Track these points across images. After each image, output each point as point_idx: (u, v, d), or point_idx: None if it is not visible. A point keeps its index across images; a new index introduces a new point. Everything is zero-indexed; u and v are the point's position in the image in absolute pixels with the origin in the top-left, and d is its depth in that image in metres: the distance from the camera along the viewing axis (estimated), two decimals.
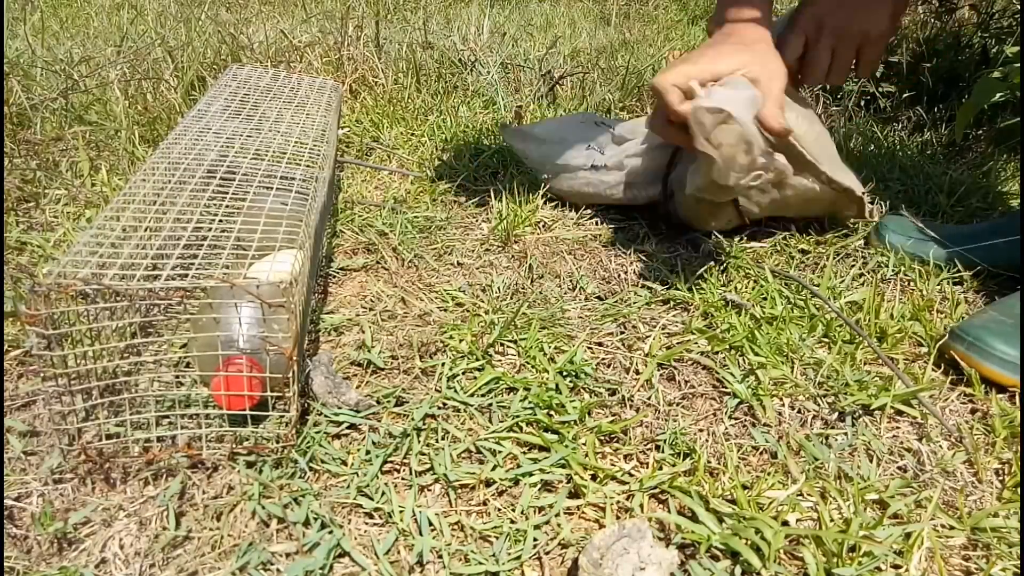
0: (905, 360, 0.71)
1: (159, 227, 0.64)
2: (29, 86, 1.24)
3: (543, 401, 0.62)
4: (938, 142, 1.34)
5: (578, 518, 0.53)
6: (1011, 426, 0.62)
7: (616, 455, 0.59)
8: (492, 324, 0.74)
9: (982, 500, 0.56)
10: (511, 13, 2.36)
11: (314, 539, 0.49)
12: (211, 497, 0.53)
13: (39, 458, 0.56)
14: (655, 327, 0.75)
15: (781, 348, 0.71)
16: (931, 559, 0.50)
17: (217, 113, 0.89)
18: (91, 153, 1.07)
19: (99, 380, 0.58)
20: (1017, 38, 1.32)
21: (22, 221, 0.89)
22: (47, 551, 0.49)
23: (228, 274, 0.56)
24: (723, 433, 0.61)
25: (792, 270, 0.87)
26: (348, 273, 0.84)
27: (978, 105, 1.17)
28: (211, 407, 0.60)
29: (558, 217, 1.00)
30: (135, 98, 1.26)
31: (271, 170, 0.74)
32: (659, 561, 0.46)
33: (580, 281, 0.84)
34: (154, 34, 1.64)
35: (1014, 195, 1.11)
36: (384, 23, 1.84)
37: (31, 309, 0.49)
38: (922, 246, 0.89)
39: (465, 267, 0.87)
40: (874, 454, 0.59)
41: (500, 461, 0.57)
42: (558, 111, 1.44)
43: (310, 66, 1.50)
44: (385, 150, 1.22)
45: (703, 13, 2.65)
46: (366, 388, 0.65)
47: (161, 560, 0.48)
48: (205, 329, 0.56)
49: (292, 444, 0.56)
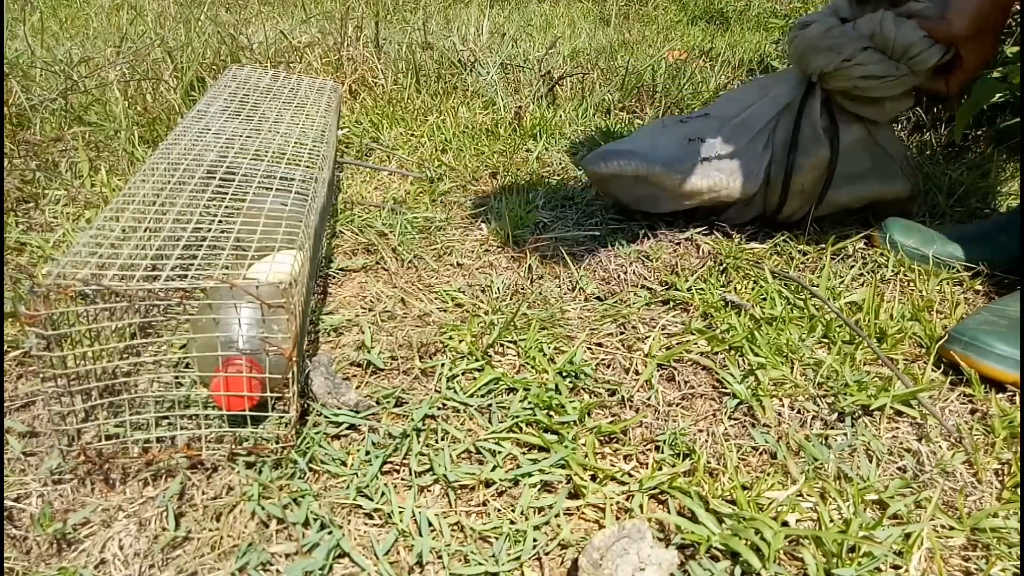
0: (905, 360, 0.71)
1: (159, 228, 0.64)
2: (28, 86, 1.24)
3: (543, 402, 0.62)
4: (937, 142, 1.34)
5: (578, 519, 0.53)
6: (1011, 426, 0.62)
7: (616, 455, 0.59)
8: (492, 325, 0.74)
9: (982, 500, 0.56)
10: (511, 13, 2.36)
11: (314, 540, 0.49)
12: (211, 498, 0.53)
13: (38, 459, 0.56)
14: (655, 327, 0.75)
15: (781, 349, 0.71)
16: (931, 559, 0.50)
17: (217, 114, 0.89)
18: (91, 154, 1.07)
19: (98, 381, 0.58)
20: (1017, 38, 1.32)
21: (22, 222, 0.89)
22: (46, 552, 0.49)
23: (227, 275, 0.56)
24: (723, 434, 0.61)
25: (792, 271, 0.87)
26: (348, 274, 0.84)
27: (978, 105, 1.17)
28: (211, 408, 0.60)
29: (558, 217, 1.00)
30: (135, 99, 1.26)
31: (270, 171, 0.74)
32: (659, 562, 0.46)
33: (580, 281, 0.84)
34: (153, 35, 1.64)
35: (1014, 195, 1.11)
36: (384, 23, 1.84)
37: (31, 310, 0.49)
38: (923, 246, 0.89)
39: (465, 268, 0.87)
40: (874, 454, 0.59)
41: (500, 462, 0.57)
42: (558, 111, 1.44)
43: (310, 67, 1.50)
44: (385, 151, 1.22)
45: (703, 13, 2.65)
46: (366, 389, 0.65)
47: (161, 561, 0.48)
48: (204, 330, 0.56)
49: (292, 445, 0.56)
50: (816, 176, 0.91)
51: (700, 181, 0.92)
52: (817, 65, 0.88)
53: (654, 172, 0.92)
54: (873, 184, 0.95)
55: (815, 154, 0.90)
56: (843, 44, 0.87)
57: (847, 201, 0.95)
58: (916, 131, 1.41)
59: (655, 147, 0.94)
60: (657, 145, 0.94)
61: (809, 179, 0.91)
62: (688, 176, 0.92)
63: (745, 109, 0.96)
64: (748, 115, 0.95)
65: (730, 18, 2.58)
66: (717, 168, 0.93)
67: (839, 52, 0.86)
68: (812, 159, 0.90)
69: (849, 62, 0.86)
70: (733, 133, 0.94)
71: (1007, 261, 0.85)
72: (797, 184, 0.92)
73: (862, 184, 0.94)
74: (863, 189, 0.95)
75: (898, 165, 0.95)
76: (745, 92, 0.99)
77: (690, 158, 0.93)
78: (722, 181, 0.93)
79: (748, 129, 0.94)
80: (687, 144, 0.94)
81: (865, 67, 0.86)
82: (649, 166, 0.92)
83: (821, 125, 0.90)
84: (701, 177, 0.92)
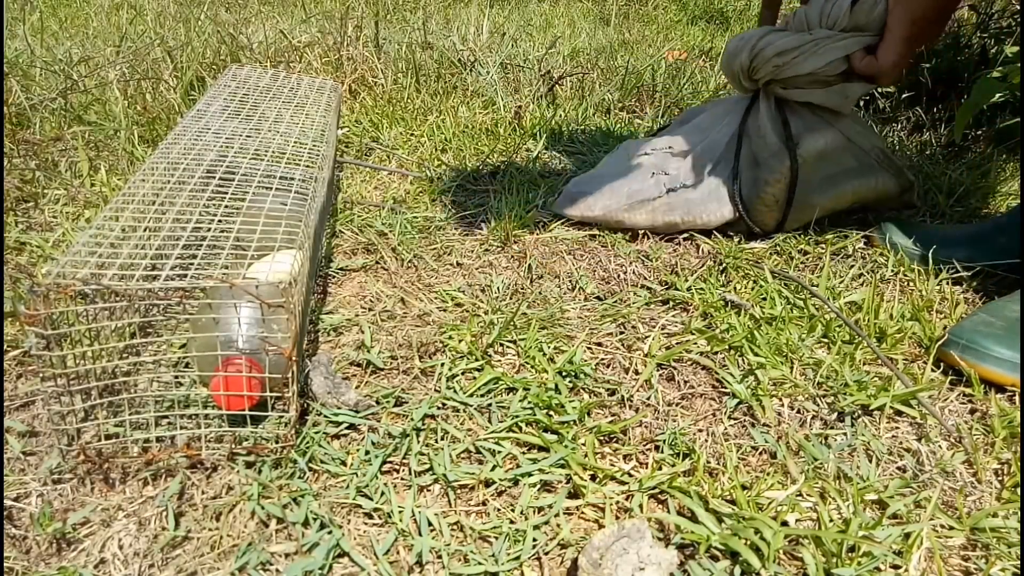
0: (904, 360, 0.71)
1: (158, 227, 0.64)
2: (28, 86, 1.24)
3: (542, 401, 0.62)
4: (937, 142, 1.34)
5: (577, 518, 0.53)
6: (1010, 426, 0.62)
7: (615, 455, 0.59)
8: (491, 324, 0.74)
9: (981, 500, 0.56)
10: (511, 13, 2.36)
11: (313, 539, 0.49)
12: (210, 497, 0.53)
13: (38, 458, 0.56)
14: (654, 327, 0.75)
15: (780, 348, 0.71)
16: (930, 559, 0.50)
17: (216, 113, 0.89)
18: (90, 153, 1.07)
19: (98, 380, 0.58)
20: (1017, 38, 1.32)
21: (21, 221, 0.89)
22: (46, 551, 0.49)
23: (227, 274, 0.56)
24: (722, 433, 0.61)
25: (792, 271, 0.87)
26: (347, 273, 0.84)
27: (977, 105, 1.17)
28: (210, 407, 0.60)
29: (557, 217, 1.00)
30: (134, 98, 1.26)
31: (270, 170, 0.74)
32: (658, 561, 0.46)
33: (579, 281, 0.84)
34: (153, 34, 1.64)
35: (1014, 195, 1.11)
36: (384, 23, 1.84)
37: (30, 309, 0.49)
38: (923, 246, 0.89)
39: (464, 267, 0.87)
40: (873, 454, 0.59)
41: (499, 461, 0.57)
42: (558, 111, 1.44)
43: (309, 66, 1.50)
44: (384, 150, 1.22)
45: (702, 13, 2.65)
46: (365, 388, 0.65)
47: (160, 560, 0.48)
48: (204, 329, 0.56)
49: (291, 444, 0.56)
50: (783, 186, 0.91)
51: (668, 216, 0.94)
52: (737, 64, 0.91)
53: (619, 218, 0.94)
54: (853, 181, 0.94)
55: (777, 169, 0.90)
56: (748, 38, 0.91)
57: (830, 204, 0.94)
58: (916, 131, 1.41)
59: (617, 184, 0.96)
60: (620, 181, 0.96)
61: (778, 190, 0.91)
62: (656, 212, 0.94)
63: (704, 137, 0.98)
64: (707, 144, 0.97)
65: (730, 18, 2.58)
66: (685, 199, 0.94)
67: (747, 42, 0.90)
68: (775, 174, 0.90)
69: (757, 47, 0.89)
70: (696, 163, 0.96)
71: (1007, 261, 0.85)
72: (769, 198, 0.91)
73: (843, 184, 0.94)
74: (844, 188, 0.94)
75: (873, 159, 0.95)
76: (703, 119, 1.01)
77: (655, 190, 0.94)
78: (693, 211, 0.93)
79: (711, 156, 0.95)
80: (651, 179, 0.96)
81: (774, 45, 0.88)
82: (614, 211, 0.94)
83: (773, 136, 0.91)
84: (668, 212, 0.94)
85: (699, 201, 0.93)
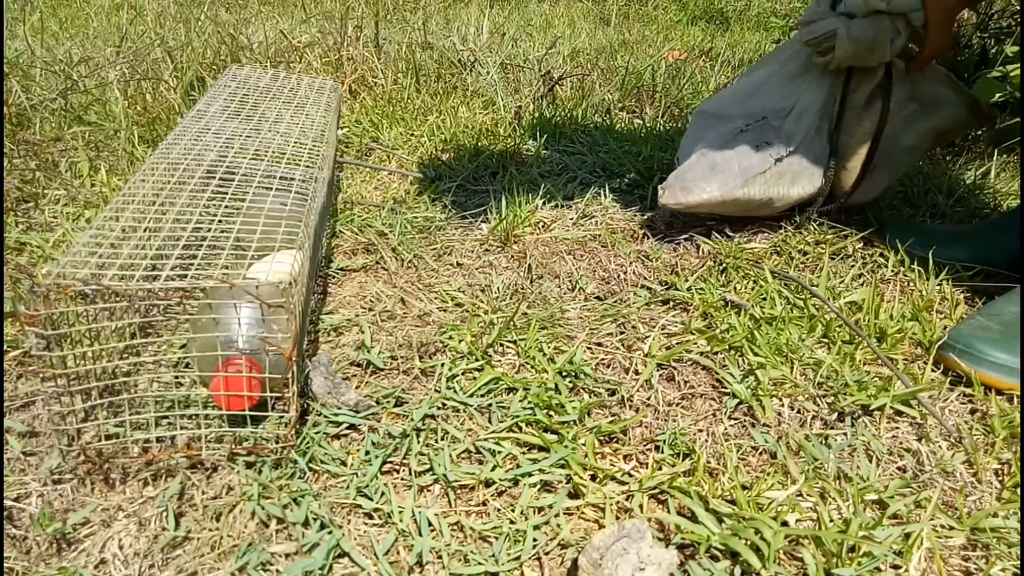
0: (904, 360, 0.71)
1: (158, 227, 0.64)
2: (28, 86, 1.24)
3: (543, 401, 0.62)
4: None
5: (578, 518, 0.53)
6: (1010, 426, 0.62)
7: (616, 455, 0.59)
8: (491, 324, 0.74)
9: (981, 500, 0.56)
10: (511, 13, 2.36)
11: (313, 539, 0.49)
12: (210, 498, 0.53)
13: (38, 458, 0.56)
14: (655, 327, 0.75)
15: (780, 348, 0.71)
16: (930, 559, 0.50)
17: (216, 113, 0.89)
18: (90, 153, 1.07)
19: (98, 380, 0.58)
20: (1017, 38, 1.32)
21: (21, 221, 0.89)
22: (46, 551, 0.49)
23: (227, 274, 0.56)
24: (723, 433, 0.61)
25: (792, 270, 0.87)
26: (347, 273, 0.84)
27: None
28: (210, 407, 0.60)
29: (557, 217, 1.00)
30: (134, 98, 1.26)
31: (270, 170, 0.74)
32: (659, 561, 0.46)
33: (580, 281, 0.84)
34: (153, 34, 1.64)
35: (1014, 195, 1.11)
36: (383, 23, 1.84)
37: (30, 309, 0.49)
38: (923, 246, 0.89)
39: (464, 267, 0.87)
40: (873, 454, 0.59)
41: (500, 461, 0.57)
42: (558, 111, 1.44)
43: (309, 66, 1.50)
44: (384, 150, 1.22)
45: (702, 14, 2.65)
46: (365, 388, 0.65)
47: (160, 561, 0.48)
48: (204, 329, 0.56)
49: (291, 444, 0.56)
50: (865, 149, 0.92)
51: (777, 186, 0.91)
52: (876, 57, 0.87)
53: (735, 195, 0.89)
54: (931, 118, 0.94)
55: (859, 132, 0.91)
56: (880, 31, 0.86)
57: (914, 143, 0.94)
58: None
59: (724, 164, 0.91)
60: (726, 160, 0.91)
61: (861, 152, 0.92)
62: (769, 183, 0.90)
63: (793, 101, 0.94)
64: (798, 109, 0.93)
65: (730, 18, 2.58)
66: (792, 166, 0.92)
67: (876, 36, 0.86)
68: (858, 136, 0.91)
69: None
70: (791, 129, 0.93)
71: (1006, 261, 0.85)
72: (854, 162, 0.92)
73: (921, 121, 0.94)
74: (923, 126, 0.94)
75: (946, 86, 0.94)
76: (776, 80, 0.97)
77: (764, 163, 0.90)
78: (798, 179, 0.92)
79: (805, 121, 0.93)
80: (756, 152, 0.92)
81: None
82: (731, 189, 0.89)
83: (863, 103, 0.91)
84: (778, 180, 0.91)
85: (803, 168, 0.92)
